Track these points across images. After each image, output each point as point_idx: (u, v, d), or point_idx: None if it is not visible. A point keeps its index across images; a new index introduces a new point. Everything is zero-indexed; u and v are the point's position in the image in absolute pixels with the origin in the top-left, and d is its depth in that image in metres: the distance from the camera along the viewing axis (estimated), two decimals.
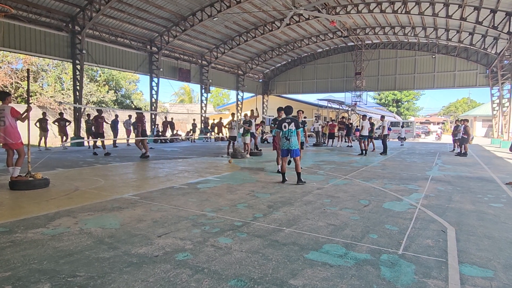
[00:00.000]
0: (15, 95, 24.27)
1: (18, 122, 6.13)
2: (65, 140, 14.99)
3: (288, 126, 6.75)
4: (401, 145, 21.05)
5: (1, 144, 6.17)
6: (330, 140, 20.02)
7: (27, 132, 6.28)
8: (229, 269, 2.78)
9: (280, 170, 7.61)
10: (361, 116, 14.84)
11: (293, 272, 2.76)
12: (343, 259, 3.05)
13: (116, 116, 18.58)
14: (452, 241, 3.58)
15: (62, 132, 15.01)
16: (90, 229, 3.72)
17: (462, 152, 14.00)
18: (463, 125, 14.44)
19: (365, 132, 13.74)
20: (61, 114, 15.66)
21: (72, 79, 18.31)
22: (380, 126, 16.30)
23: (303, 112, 9.65)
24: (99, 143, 12.99)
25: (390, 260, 3.03)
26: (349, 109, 31.14)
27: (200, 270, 2.76)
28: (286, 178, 7.01)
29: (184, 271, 2.73)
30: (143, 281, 2.55)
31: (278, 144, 7.21)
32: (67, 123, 15.29)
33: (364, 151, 13.50)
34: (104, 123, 13.28)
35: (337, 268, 2.86)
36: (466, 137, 14.12)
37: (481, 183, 7.35)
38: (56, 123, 14.97)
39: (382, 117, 15.47)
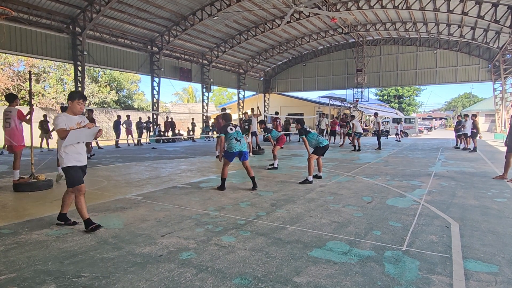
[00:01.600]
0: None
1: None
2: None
3: (235, 128, 6.20)
4: (396, 140, 21.09)
5: (6, 146, 6.20)
6: (332, 138, 19.98)
7: (30, 134, 6.31)
8: (233, 268, 2.79)
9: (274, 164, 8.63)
10: (350, 116, 16.87)
11: (297, 269, 2.76)
12: (347, 256, 3.04)
13: (119, 117, 18.62)
14: (456, 236, 3.57)
15: None
16: None
17: (473, 147, 13.56)
18: (472, 120, 13.89)
19: (360, 130, 14.53)
20: None
21: (74, 80, 18.35)
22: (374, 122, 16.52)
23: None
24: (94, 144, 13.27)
25: (394, 257, 3.03)
26: (351, 106, 31.01)
27: (204, 269, 2.77)
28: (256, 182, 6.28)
29: (188, 270, 2.74)
30: (148, 280, 2.56)
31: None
32: None
33: (354, 147, 14.16)
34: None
35: (341, 265, 2.86)
36: (476, 131, 13.71)
37: (484, 178, 7.32)
38: None
39: (376, 114, 15.62)
